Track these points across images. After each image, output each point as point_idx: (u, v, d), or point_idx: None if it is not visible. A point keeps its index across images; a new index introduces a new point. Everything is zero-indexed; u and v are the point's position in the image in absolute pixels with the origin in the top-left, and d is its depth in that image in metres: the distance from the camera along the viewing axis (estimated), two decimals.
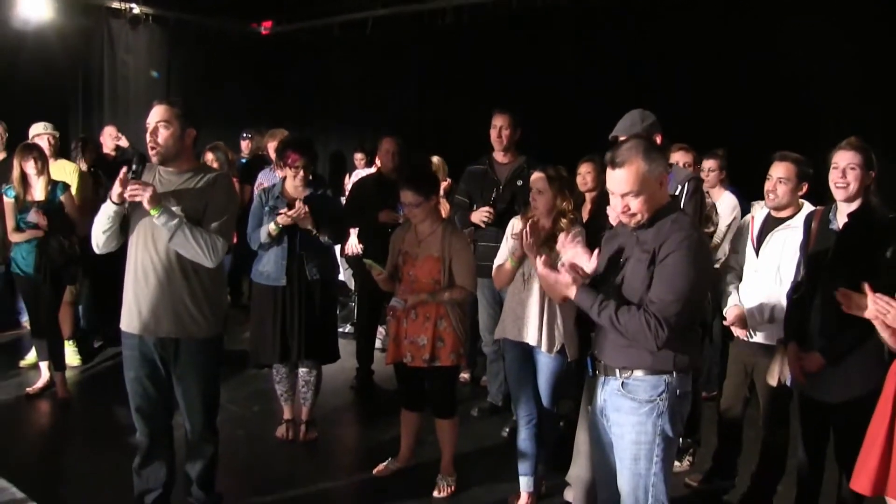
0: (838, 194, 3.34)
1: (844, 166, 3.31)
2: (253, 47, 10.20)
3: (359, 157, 8.36)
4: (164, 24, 9.29)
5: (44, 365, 5.33)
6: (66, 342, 5.60)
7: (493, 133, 5.05)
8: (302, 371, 4.69)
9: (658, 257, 2.63)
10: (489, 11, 8.01)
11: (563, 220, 3.77)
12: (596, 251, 2.85)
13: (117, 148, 7.32)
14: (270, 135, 6.66)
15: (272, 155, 6.41)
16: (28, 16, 7.31)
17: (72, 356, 5.81)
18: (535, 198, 3.83)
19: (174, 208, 3.19)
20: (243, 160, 7.71)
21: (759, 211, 4.03)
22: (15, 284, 6.41)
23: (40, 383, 5.32)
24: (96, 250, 3.38)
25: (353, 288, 6.94)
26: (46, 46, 7.83)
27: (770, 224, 3.85)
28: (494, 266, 3.99)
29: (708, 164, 5.20)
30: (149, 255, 3.28)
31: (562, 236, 3.04)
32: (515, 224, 3.98)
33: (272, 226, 4.43)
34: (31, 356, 5.78)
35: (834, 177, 3.34)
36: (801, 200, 3.82)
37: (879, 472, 2.85)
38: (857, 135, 3.40)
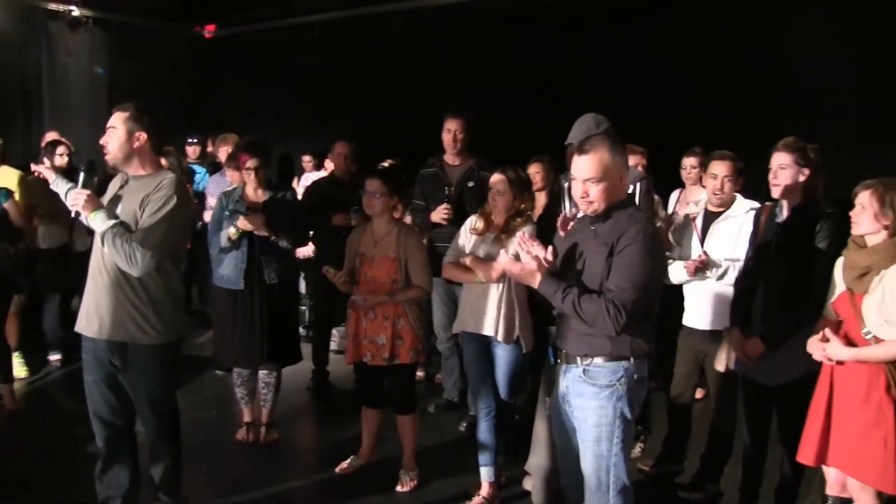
0: (772, 191, 3.58)
1: (776, 167, 3.54)
2: (197, 51, 10.11)
3: (307, 159, 8.37)
4: (105, 27, 9.12)
5: None
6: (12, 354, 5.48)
7: (447, 137, 5.12)
8: (262, 373, 4.73)
9: (616, 249, 2.78)
10: (435, 15, 8.12)
11: (519, 220, 3.90)
12: (550, 247, 2.98)
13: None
14: (222, 139, 6.65)
15: (223, 160, 6.43)
16: None
17: (18, 368, 5.68)
18: (494, 198, 3.95)
19: (104, 213, 3.19)
20: (193, 166, 7.65)
21: (694, 208, 4.27)
22: None
23: None
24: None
25: (304, 291, 6.96)
26: None
27: (710, 218, 4.09)
28: (447, 260, 4.08)
29: (688, 161, 5.25)
30: (97, 259, 3.32)
31: (520, 234, 3.14)
32: (473, 220, 4.10)
33: (232, 230, 4.47)
34: None
35: (769, 176, 3.57)
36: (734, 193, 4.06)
37: (821, 444, 3.08)
38: (797, 135, 3.61)
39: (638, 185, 3.93)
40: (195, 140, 7.95)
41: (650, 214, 3.80)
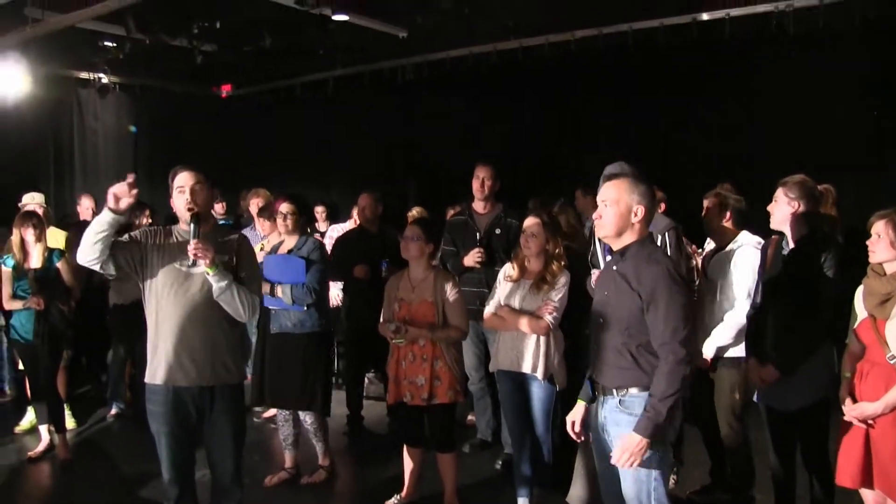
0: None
1: (777, 195, 3.85)
2: (216, 110, 10.52)
3: (319, 210, 8.52)
4: (130, 92, 9.57)
5: (43, 428, 5.44)
6: None
7: (476, 183, 5.37)
8: (303, 416, 4.92)
9: (644, 297, 2.96)
10: (447, 68, 8.48)
11: (555, 265, 4.15)
12: None
13: (94, 216, 7.46)
14: (253, 193, 6.91)
15: (254, 214, 6.70)
16: (5, 92, 7.47)
17: (67, 419, 5.88)
18: (527, 240, 4.19)
19: (222, 266, 3.38)
20: (223, 221, 7.90)
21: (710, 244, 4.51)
22: (3, 351, 6.59)
23: (41, 446, 5.42)
24: (80, 262, 3.46)
25: None
26: (20, 119, 8.02)
27: (712, 252, 4.36)
28: (488, 310, 4.34)
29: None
30: (184, 309, 3.45)
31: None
32: (508, 268, 4.34)
33: None
34: (27, 421, 5.91)
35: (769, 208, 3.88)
36: (733, 228, 4.28)
37: (863, 467, 3.24)
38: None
39: (667, 234, 4.15)
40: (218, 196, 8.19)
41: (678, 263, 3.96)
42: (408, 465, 4.57)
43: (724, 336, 4.15)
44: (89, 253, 3.34)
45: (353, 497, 4.92)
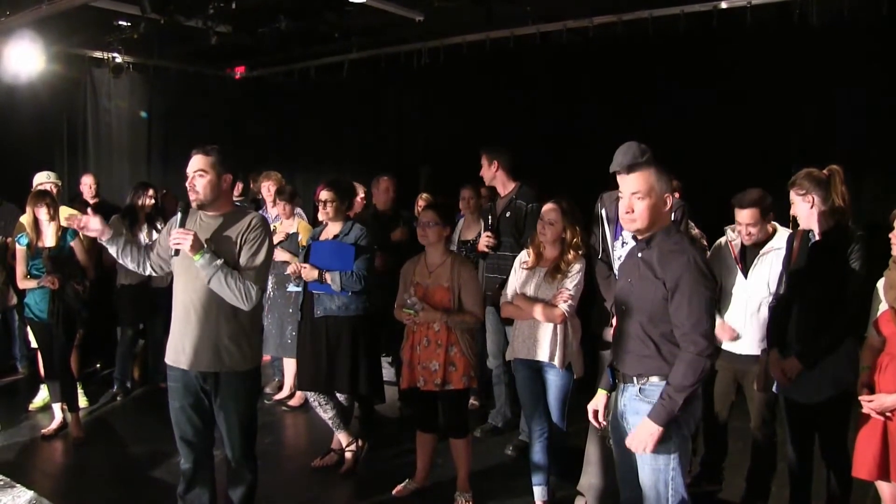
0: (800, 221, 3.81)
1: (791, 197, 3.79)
2: (229, 92, 10.47)
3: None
4: (144, 72, 9.53)
5: (56, 406, 5.45)
6: None
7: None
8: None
9: (669, 285, 2.93)
10: (463, 53, 8.41)
11: (571, 253, 4.11)
12: None
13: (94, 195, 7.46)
14: (265, 176, 6.89)
15: (266, 196, 6.68)
16: (19, 70, 7.47)
17: (79, 398, 5.90)
18: (544, 227, 4.16)
19: (210, 253, 3.39)
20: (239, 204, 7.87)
21: (732, 236, 4.31)
22: (14, 329, 6.61)
23: (54, 424, 5.43)
24: (142, 272, 3.77)
25: None
26: (34, 98, 8.03)
27: (751, 250, 4.19)
28: (503, 300, 4.31)
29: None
30: (189, 295, 3.51)
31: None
32: (524, 255, 4.31)
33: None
34: (40, 399, 5.93)
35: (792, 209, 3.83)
36: (769, 225, 4.17)
37: (880, 460, 3.21)
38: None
39: (674, 213, 4.09)
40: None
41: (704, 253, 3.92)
42: (420, 450, 4.56)
43: None
44: (130, 267, 3.76)
45: (365, 482, 4.89)
